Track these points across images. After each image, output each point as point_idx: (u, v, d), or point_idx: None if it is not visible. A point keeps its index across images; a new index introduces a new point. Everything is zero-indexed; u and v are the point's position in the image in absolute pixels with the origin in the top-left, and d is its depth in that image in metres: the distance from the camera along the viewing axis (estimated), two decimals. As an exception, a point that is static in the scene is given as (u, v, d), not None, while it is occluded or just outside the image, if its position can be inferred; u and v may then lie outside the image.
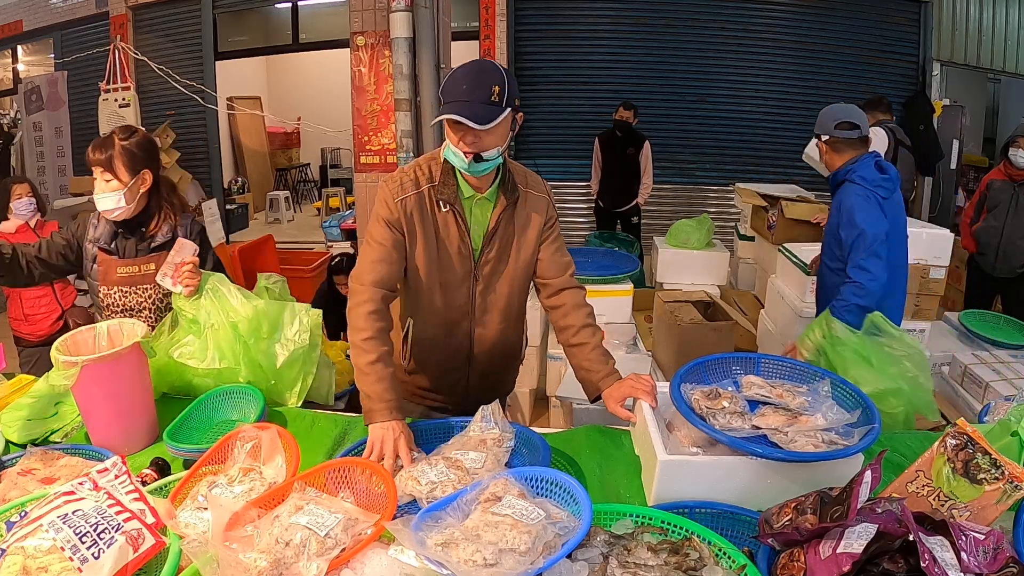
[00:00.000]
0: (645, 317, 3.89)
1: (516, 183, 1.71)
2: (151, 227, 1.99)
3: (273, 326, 1.86)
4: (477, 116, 1.47)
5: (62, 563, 1.00)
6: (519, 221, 1.72)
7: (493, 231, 1.69)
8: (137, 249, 1.99)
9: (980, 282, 4.00)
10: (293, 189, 10.66)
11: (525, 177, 1.76)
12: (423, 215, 1.65)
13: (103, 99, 5.41)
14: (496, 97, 1.49)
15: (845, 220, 2.33)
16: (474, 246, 1.70)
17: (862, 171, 2.37)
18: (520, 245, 1.73)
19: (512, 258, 1.74)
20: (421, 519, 1.08)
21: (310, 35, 7.69)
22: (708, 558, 1.07)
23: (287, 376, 1.89)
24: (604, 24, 6.76)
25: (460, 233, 1.67)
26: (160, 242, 1.99)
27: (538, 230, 1.74)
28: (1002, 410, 1.73)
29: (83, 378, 1.54)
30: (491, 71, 1.52)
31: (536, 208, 1.74)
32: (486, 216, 1.70)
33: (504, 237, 1.71)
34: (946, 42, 6.80)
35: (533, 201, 1.73)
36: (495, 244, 1.70)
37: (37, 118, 7.63)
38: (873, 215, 2.29)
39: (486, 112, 1.48)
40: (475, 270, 1.72)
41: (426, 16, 2.94)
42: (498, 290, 1.76)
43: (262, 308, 1.84)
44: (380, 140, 3.33)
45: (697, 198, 7.00)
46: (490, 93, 1.49)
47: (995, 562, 0.96)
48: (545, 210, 1.75)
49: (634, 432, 1.62)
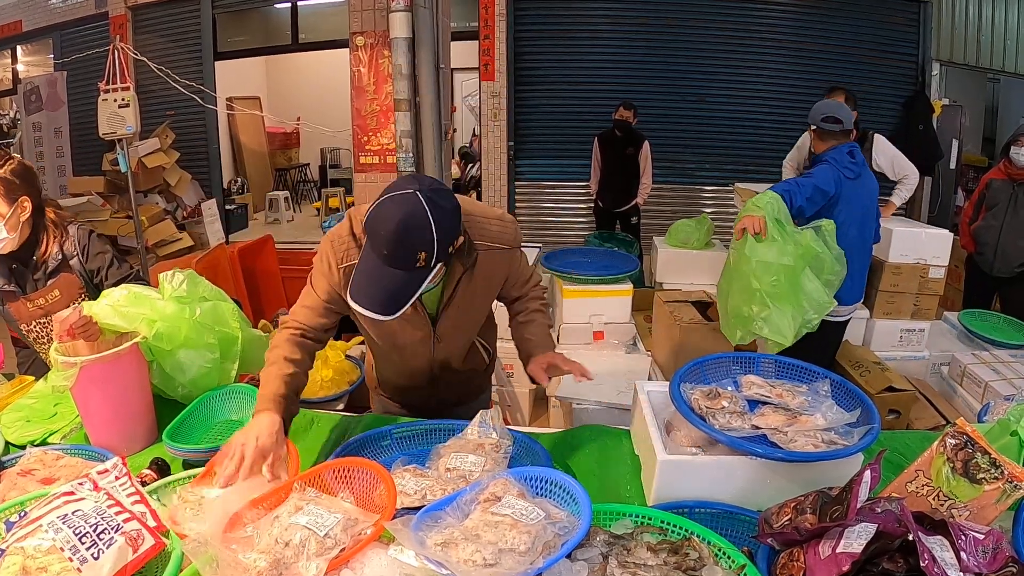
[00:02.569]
0: (645, 317, 3.88)
1: (472, 244, 1.49)
2: (41, 253, 1.93)
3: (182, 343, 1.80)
4: (390, 300, 1.30)
5: (61, 563, 1.00)
6: (479, 278, 1.56)
7: (450, 298, 1.56)
8: (35, 280, 1.94)
9: (979, 282, 4.00)
10: (293, 189, 10.65)
11: (486, 229, 1.54)
12: None
13: (102, 99, 5.39)
14: (422, 262, 1.29)
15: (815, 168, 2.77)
16: (429, 311, 1.59)
17: (835, 154, 2.82)
18: (480, 299, 1.65)
19: (476, 310, 1.67)
20: (421, 519, 1.08)
21: (310, 35, 7.69)
22: (708, 558, 1.07)
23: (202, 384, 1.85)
24: (604, 24, 6.75)
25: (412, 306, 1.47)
26: (53, 266, 1.94)
27: (500, 281, 1.65)
28: (1001, 410, 1.73)
29: (82, 379, 1.54)
30: (419, 231, 1.27)
31: (497, 265, 1.59)
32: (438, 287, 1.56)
33: (463, 298, 1.58)
34: (946, 42, 6.80)
35: (493, 258, 1.56)
36: (452, 306, 1.58)
37: (36, 118, 7.62)
38: (827, 175, 2.73)
39: (403, 286, 1.30)
40: (434, 331, 1.62)
41: (426, 16, 2.94)
42: (460, 339, 1.72)
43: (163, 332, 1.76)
44: (380, 140, 3.33)
45: (697, 198, 7.00)
46: (415, 260, 1.28)
47: (994, 562, 0.97)
48: (508, 264, 1.61)
49: (634, 432, 1.62)
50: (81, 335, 1.66)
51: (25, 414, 1.76)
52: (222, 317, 1.87)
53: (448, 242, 1.33)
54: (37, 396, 1.86)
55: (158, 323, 1.73)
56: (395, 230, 1.26)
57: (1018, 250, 3.75)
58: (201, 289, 1.88)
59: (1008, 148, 3.77)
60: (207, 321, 1.82)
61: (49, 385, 1.79)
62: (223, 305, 1.90)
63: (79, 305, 1.70)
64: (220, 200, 7.49)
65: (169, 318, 1.75)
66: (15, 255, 1.91)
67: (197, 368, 1.80)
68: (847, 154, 2.82)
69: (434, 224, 1.28)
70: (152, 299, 1.77)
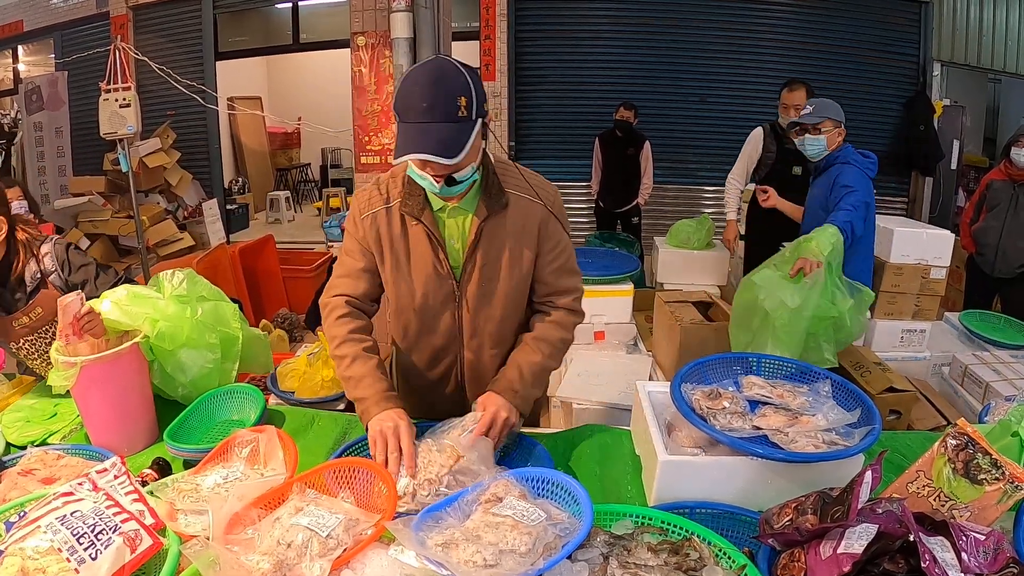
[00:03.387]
0: (645, 317, 3.88)
1: (502, 187, 1.46)
2: (17, 271, 1.90)
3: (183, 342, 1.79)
4: (445, 147, 1.23)
5: (59, 564, 1.00)
6: (508, 232, 1.47)
7: (474, 245, 1.46)
8: (15, 299, 1.92)
9: (980, 282, 3.99)
10: (294, 189, 10.67)
11: (520, 180, 1.49)
12: (390, 231, 1.47)
13: (103, 99, 5.40)
14: (464, 111, 1.25)
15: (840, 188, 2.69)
16: (453, 264, 1.49)
17: (854, 155, 2.77)
18: (512, 265, 1.49)
19: (504, 276, 1.50)
20: (422, 519, 1.08)
21: (310, 35, 7.69)
22: (708, 558, 1.07)
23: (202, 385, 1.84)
24: (604, 24, 6.76)
25: (434, 249, 1.46)
26: (33, 285, 1.92)
27: (533, 242, 1.49)
28: (1002, 410, 1.73)
29: (82, 379, 1.54)
30: (453, 77, 1.26)
31: (529, 216, 1.47)
32: (463, 229, 1.47)
33: (490, 252, 1.47)
34: (946, 42, 6.80)
35: (525, 208, 1.47)
36: (478, 260, 1.47)
37: (37, 118, 7.63)
38: (865, 183, 2.71)
39: (454, 135, 1.24)
40: (458, 291, 1.50)
41: (426, 16, 2.94)
42: (488, 313, 1.54)
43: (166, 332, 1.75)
44: (380, 140, 3.34)
45: (697, 198, 7.01)
46: (456, 107, 1.24)
47: (995, 562, 0.96)
48: (541, 219, 1.49)
49: (634, 432, 1.62)
50: (88, 328, 1.62)
51: (25, 414, 1.76)
52: (223, 317, 1.87)
53: (482, 95, 1.30)
54: (37, 396, 1.86)
55: (160, 322, 1.73)
56: (431, 82, 1.25)
57: (1019, 251, 3.74)
58: (200, 288, 1.87)
59: (1009, 149, 3.77)
60: (208, 321, 1.82)
61: (49, 385, 1.79)
62: (223, 305, 1.90)
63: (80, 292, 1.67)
64: (221, 200, 7.49)
65: (171, 317, 1.75)
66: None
67: (198, 368, 1.80)
68: (858, 153, 2.79)
69: (465, 72, 1.28)
70: (152, 299, 1.77)
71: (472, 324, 1.56)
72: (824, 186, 2.82)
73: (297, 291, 5.62)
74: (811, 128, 2.81)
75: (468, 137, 1.26)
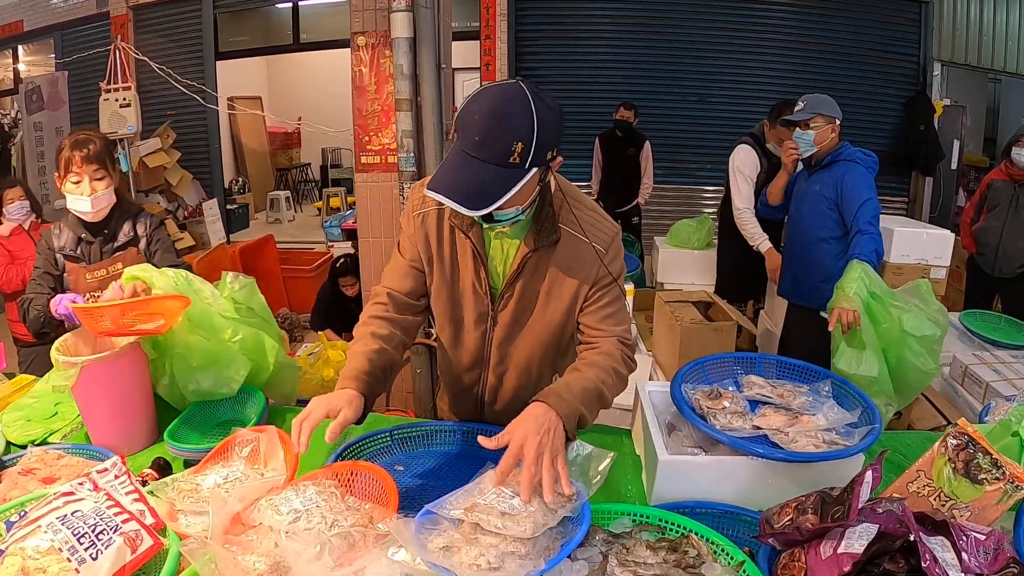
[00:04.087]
0: (646, 317, 3.88)
1: (557, 223, 1.36)
2: (114, 226, 1.98)
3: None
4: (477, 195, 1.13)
5: (60, 564, 1.00)
6: (553, 270, 1.39)
7: (516, 274, 1.39)
8: (102, 252, 1.97)
9: (980, 282, 3.99)
10: (294, 189, 10.67)
11: (576, 217, 1.38)
12: (439, 235, 1.42)
13: (104, 99, 5.41)
14: (517, 157, 1.13)
15: (850, 191, 2.67)
16: (493, 284, 1.43)
17: (857, 153, 2.74)
18: (550, 300, 1.42)
19: (538, 312, 1.43)
20: (420, 521, 1.08)
21: (311, 35, 7.70)
22: (707, 555, 1.07)
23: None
24: (604, 24, 6.76)
25: (476, 266, 1.41)
26: (123, 241, 1.99)
27: (575, 288, 1.40)
28: (1003, 410, 1.73)
29: (83, 378, 1.54)
30: (519, 116, 1.13)
31: (579, 259, 1.38)
32: (508, 255, 1.41)
33: (531, 284, 1.41)
34: (947, 42, 6.80)
35: (576, 249, 1.37)
36: (517, 289, 1.41)
37: (37, 118, 7.63)
38: (873, 189, 2.69)
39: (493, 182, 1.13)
40: (493, 312, 1.45)
41: (427, 16, 2.94)
42: (519, 343, 1.48)
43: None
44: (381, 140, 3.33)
45: (697, 198, 7.01)
46: (510, 152, 1.13)
47: (996, 562, 0.96)
48: (590, 264, 1.39)
49: (635, 432, 1.62)
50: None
51: (25, 413, 1.76)
52: (260, 347, 1.79)
53: (548, 143, 1.17)
54: (37, 396, 1.86)
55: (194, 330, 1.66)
56: (491, 114, 1.13)
57: (1019, 251, 3.75)
58: (255, 301, 1.84)
59: (1009, 149, 3.77)
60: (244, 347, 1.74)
61: (49, 385, 1.79)
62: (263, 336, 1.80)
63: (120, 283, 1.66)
64: (221, 200, 7.49)
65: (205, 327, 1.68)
66: (92, 225, 1.95)
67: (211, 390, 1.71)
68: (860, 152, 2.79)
69: (536, 112, 1.14)
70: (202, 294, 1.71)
71: (500, 350, 1.51)
72: (828, 183, 2.78)
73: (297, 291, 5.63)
74: (800, 124, 2.81)
75: (511, 187, 1.15)
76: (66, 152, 1.89)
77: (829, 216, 2.78)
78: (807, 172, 2.93)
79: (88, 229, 1.96)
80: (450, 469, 1.52)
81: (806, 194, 2.90)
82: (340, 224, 6.48)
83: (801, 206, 2.93)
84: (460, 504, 1.07)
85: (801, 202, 2.93)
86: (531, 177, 1.18)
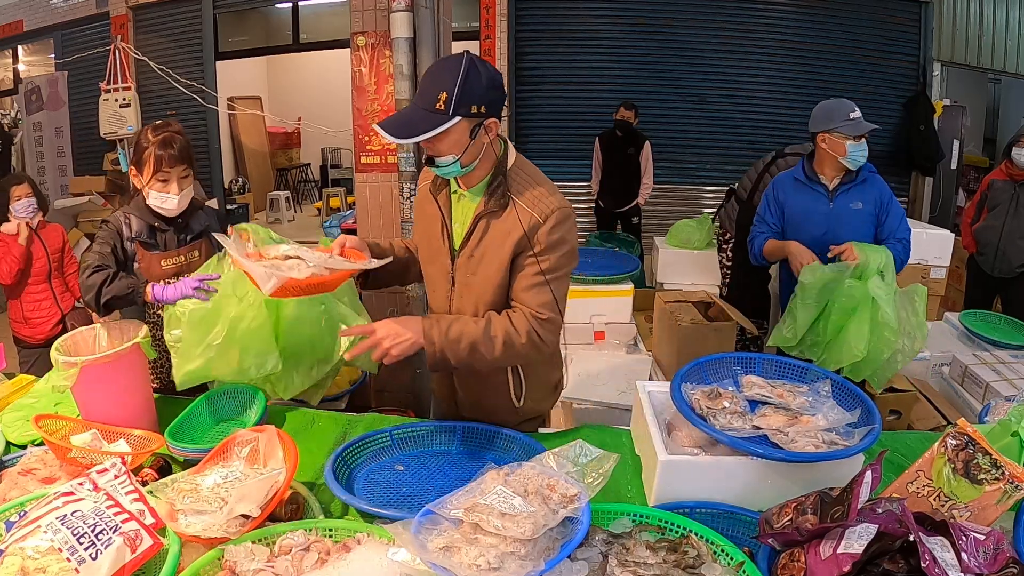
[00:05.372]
0: (645, 317, 3.88)
1: (510, 191, 1.52)
2: (187, 216, 1.99)
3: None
4: (401, 127, 1.42)
5: (60, 564, 1.00)
6: (498, 233, 1.52)
7: (470, 232, 1.56)
8: (178, 240, 1.98)
9: (980, 282, 3.99)
10: (294, 189, 10.66)
11: (525, 188, 1.53)
12: (428, 200, 1.66)
13: (103, 99, 5.41)
14: (441, 105, 1.38)
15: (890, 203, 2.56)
16: (454, 245, 1.61)
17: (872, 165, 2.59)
18: (492, 261, 1.54)
19: (482, 272, 1.56)
20: (420, 521, 1.08)
21: (310, 35, 7.69)
22: (706, 555, 1.08)
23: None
24: (604, 24, 6.75)
25: (441, 225, 1.62)
26: (197, 231, 2.01)
27: (509, 251, 1.51)
28: (1002, 410, 1.73)
29: (83, 378, 1.54)
30: (445, 74, 1.40)
31: (518, 225, 1.50)
32: (467, 217, 1.58)
33: (479, 245, 1.55)
34: (946, 42, 6.79)
35: (518, 216, 1.50)
36: (470, 248, 1.56)
37: (37, 118, 7.63)
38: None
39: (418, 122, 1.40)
40: (452, 270, 1.61)
41: (427, 16, 2.93)
42: (469, 300, 1.59)
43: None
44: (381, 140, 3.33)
45: (697, 198, 7.00)
46: (435, 100, 1.39)
47: (995, 562, 0.96)
48: (527, 228, 1.49)
49: (634, 432, 1.62)
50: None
51: (25, 413, 1.76)
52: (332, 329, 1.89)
53: (471, 98, 1.40)
54: (37, 396, 1.86)
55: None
56: (429, 71, 1.46)
57: (1019, 251, 3.74)
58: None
59: (1010, 149, 3.77)
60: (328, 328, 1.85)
61: (49, 385, 1.79)
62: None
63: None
64: (221, 200, 7.49)
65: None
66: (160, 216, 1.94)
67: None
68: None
69: (463, 74, 1.39)
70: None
71: (456, 306, 1.63)
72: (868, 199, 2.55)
73: (297, 291, 5.61)
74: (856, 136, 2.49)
75: (431, 127, 1.39)
76: (153, 150, 1.86)
77: (869, 233, 2.57)
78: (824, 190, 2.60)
79: (161, 218, 1.95)
80: (450, 469, 1.52)
81: (842, 214, 2.57)
82: (340, 224, 6.47)
83: (838, 227, 2.54)
84: (460, 504, 1.07)
85: (838, 223, 2.56)
86: (456, 124, 1.40)
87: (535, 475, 1.13)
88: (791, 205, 2.66)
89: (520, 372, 1.68)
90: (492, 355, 1.47)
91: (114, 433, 1.58)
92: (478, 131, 1.45)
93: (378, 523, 1.22)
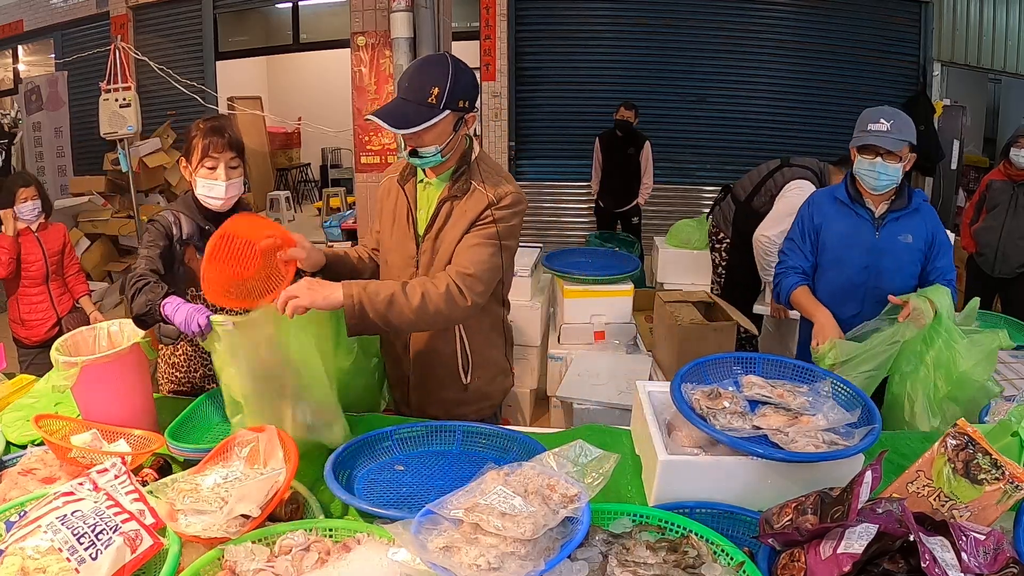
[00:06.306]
0: (645, 317, 3.88)
1: (471, 180, 1.65)
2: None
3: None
4: (397, 118, 1.50)
5: (60, 564, 1.00)
6: (458, 215, 1.64)
7: (433, 218, 1.67)
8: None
9: (980, 283, 3.99)
10: (294, 189, 10.67)
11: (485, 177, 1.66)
12: (390, 194, 1.76)
13: (103, 99, 5.40)
14: (434, 99, 1.49)
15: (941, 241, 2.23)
16: (419, 231, 1.71)
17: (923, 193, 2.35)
18: (453, 239, 1.65)
19: (444, 250, 1.66)
20: (420, 521, 1.08)
21: (311, 35, 7.70)
22: (706, 555, 1.08)
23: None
24: (604, 24, 6.76)
25: (407, 211, 1.71)
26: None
27: (467, 226, 1.63)
28: (1002, 410, 1.73)
29: (83, 378, 1.54)
30: (435, 69, 1.52)
31: (475, 206, 1.63)
32: (431, 204, 1.68)
33: (442, 229, 1.66)
34: (947, 42, 6.79)
35: (476, 199, 1.63)
36: (435, 230, 1.66)
37: (37, 118, 7.63)
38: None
39: (412, 114, 1.49)
40: (417, 255, 1.70)
41: (427, 16, 2.94)
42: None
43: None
44: (380, 140, 3.34)
45: (697, 198, 7.00)
46: (428, 94, 1.49)
47: (995, 563, 0.96)
48: (484, 207, 1.62)
49: (634, 432, 1.62)
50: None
51: (25, 413, 1.76)
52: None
53: (459, 93, 1.51)
54: (37, 396, 1.86)
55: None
56: (417, 66, 1.56)
57: (1019, 251, 3.75)
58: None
59: (1008, 149, 3.77)
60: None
61: (49, 385, 1.79)
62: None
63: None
64: (221, 200, 7.47)
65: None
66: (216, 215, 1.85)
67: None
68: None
69: (452, 68, 1.52)
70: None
71: None
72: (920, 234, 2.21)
73: (297, 291, 5.60)
74: (885, 153, 2.08)
75: (425, 120, 1.49)
76: (201, 138, 1.79)
77: (915, 273, 2.24)
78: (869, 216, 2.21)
79: (209, 219, 1.86)
80: (450, 469, 1.52)
81: (888, 248, 2.21)
82: (340, 224, 6.47)
83: (881, 262, 2.21)
84: (460, 504, 1.07)
85: (881, 257, 2.21)
86: (445, 117, 1.52)
87: (535, 475, 1.13)
88: (829, 230, 2.28)
89: (467, 345, 1.76)
90: (410, 306, 1.49)
91: (114, 433, 1.59)
92: (460, 124, 1.58)
93: (378, 523, 1.22)
